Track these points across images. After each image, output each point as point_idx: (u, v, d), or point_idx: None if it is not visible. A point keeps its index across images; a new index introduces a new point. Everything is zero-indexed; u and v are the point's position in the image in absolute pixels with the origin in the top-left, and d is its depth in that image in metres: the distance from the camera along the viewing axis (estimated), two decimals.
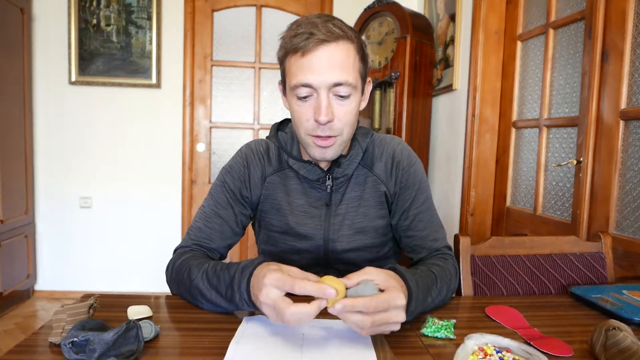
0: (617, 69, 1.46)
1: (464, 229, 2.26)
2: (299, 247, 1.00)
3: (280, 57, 0.91)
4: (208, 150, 3.17)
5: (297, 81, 0.86)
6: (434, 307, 0.86)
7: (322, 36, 0.83)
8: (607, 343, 0.65)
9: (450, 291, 0.92)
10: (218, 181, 1.02)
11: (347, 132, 0.91)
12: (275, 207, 1.00)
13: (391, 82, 2.56)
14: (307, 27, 0.84)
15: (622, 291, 0.94)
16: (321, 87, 0.85)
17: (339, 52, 0.84)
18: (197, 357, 0.66)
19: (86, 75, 2.98)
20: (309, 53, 0.83)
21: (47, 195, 3.05)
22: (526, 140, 2.02)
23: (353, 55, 0.87)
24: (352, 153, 0.97)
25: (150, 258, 3.13)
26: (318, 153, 0.91)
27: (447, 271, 0.91)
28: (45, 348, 0.67)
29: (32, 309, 2.85)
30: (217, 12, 3.11)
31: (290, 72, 0.88)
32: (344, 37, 0.85)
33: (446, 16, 2.54)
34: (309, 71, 0.84)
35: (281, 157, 1.01)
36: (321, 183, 0.98)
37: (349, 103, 0.88)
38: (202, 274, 0.83)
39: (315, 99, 0.86)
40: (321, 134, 0.88)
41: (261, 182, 1.01)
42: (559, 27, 1.79)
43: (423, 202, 1.01)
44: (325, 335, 0.73)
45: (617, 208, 1.48)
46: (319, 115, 0.85)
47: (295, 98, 0.88)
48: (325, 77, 0.84)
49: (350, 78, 0.86)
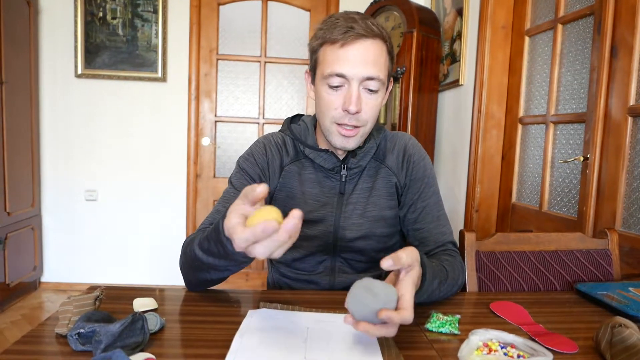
0: (626, 65, 1.45)
1: (469, 225, 2.26)
2: (310, 233, 1.01)
3: (314, 46, 0.95)
4: (213, 144, 3.18)
5: (331, 70, 0.90)
6: (437, 300, 0.87)
7: (362, 31, 0.88)
8: (612, 340, 0.64)
9: (456, 286, 0.93)
10: (236, 169, 1.04)
11: (370, 125, 0.96)
12: (289, 195, 1.03)
13: (397, 77, 2.55)
14: (346, 22, 0.89)
15: (628, 288, 0.93)
16: (354, 79, 0.89)
17: (374, 49, 0.90)
18: (202, 349, 0.66)
19: (92, 68, 2.98)
20: (347, 45, 0.88)
21: (53, 187, 3.07)
22: (532, 136, 2.01)
23: (385, 54, 0.93)
24: (367, 146, 1.02)
25: (155, 251, 3.15)
26: (340, 142, 0.95)
27: (456, 268, 0.94)
28: (51, 339, 0.68)
29: (38, 301, 2.88)
30: (222, 5, 3.10)
31: (325, 61, 0.92)
32: (379, 36, 0.91)
33: (453, 10, 2.52)
34: (345, 62, 0.89)
35: (297, 147, 1.05)
36: (336, 172, 1.02)
37: (375, 98, 0.93)
38: (197, 245, 0.81)
39: (346, 90, 0.91)
40: (348, 122, 0.92)
41: (279, 171, 1.04)
42: (568, 22, 1.77)
43: (431, 196, 1.03)
44: (329, 329, 0.73)
45: (624, 205, 1.47)
46: (349, 105, 0.89)
47: (326, 86, 0.92)
48: (359, 70, 0.89)
49: (382, 74, 0.91)
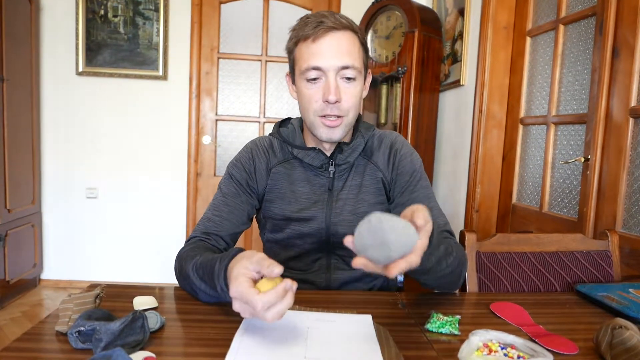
0: (628, 66, 1.44)
1: (469, 225, 2.26)
2: (303, 231, 1.03)
3: (290, 47, 0.99)
4: (214, 143, 3.17)
5: (307, 65, 0.93)
6: (445, 275, 0.84)
7: (331, 24, 0.92)
8: (612, 341, 0.64)
9: (462, 267, 0.92)
10: (225, 175, 1.08)
11: (352, 115, 0.99)
12: (279, 196, 1.05)
13: (398, 77, 2.55)
14: (316, 17, 0.94)
15: (628, 290, 0.93)
16: (330, 70, 0.93)
17: (345, 39, 0.94)
18: (202, 348, 0.66)
19: (93, 66, 2.98)
20: (319, 39, 0.93)
21: (54, 185, 3.07)
22: (533, 137, 2.01)
23: (358, 44, 0.96)
24: (354, 143, 1.04)
25: (155, 249, 3.15)
26: (326, 133, 0.98)
27: (459, 248, 0.92)
28: (51, 337, 0.68)
29: (38, 298, 2.88)
30: (224, 4, 3.10)
31: (301, 57, 0.96)
32: (350, 28, 0.95)
33: (455, 10, 2.52)
34: (319, 55, 0.93)
35: (285, 149, 1.08)
36: (324, 170, 1.04)
37: (354, 86, 0.96)
38: (193, 265, 0.84)
39: (324, 82, 0.94)
40: (330, 112, 0.95)
41: (266, 173, 1.06)
42: (570, 23, 1.77)
43: (420, 189, 1.03)
44: (330, 329, 0.73)
45: (625, 206, 1.47)
46: (328, 95, 0.93)
47: (305, 81, 0.96)
48: (334, 61, 0.93)
49: (356, 63, 0.95)
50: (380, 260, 0.60)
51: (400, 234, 0.59)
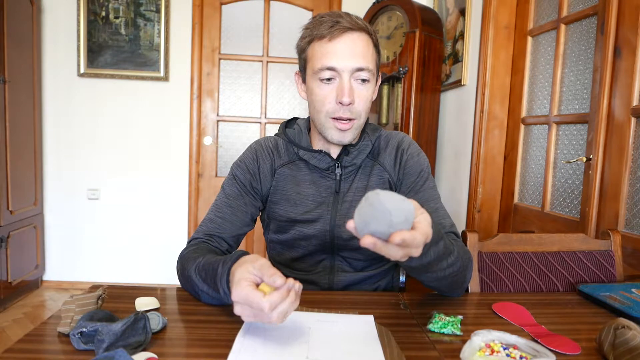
0: (630, 65, 1.44)
1: (471, 225, 2.25)
2: (307, 232, 1.02)
3: (302, 45, 0.97)
4: (215, 144, 3.18)
5: (322, 64, 0.92)
6: (445, 276, 0.83)
7: (347, 24, 0.91)
8: (615, 341, 0.64)
9: (467, 270, 0.89)
10: (229, 175, 1.07)
11: (363, 118, 0.98)
12: (284, 197, 1.03)
13: (399, 77, 2.55)
14: (332, 17, 0.92)
15: (631, 289, 0.93)
16: (344, 71, 0.92)
17: (361, 41, 0.93)
18: (204, 349, 0.66)
19: (95, 67, 2.98)
20: (335, 39, 0.91)
21: (56, 186, 3.07)
22: (535, 136, 2.01)
23: (372, 47, 0.95)
24: (361, 144, 1.03)
25: (157, 250, 3.15)
26: (337, 136, 0.97)
27: (464, 249, 0.90)
28: (54, 338, 0.68)
29: (40, 299, 2.88)
30: (225, 5, 3.10)
31: (314, 57, 0.94)
32: (365, 30, 0.94)
33: (456, 10, 2.52)
34: (334, 55, 0.91)
35: (290, 150, 1.06)
36: (331, 172, 1.03)
37: (366, 88, 0.95)
38: (195, 267, 0.84)
39: (337, 82, 0.93)
40: (342, 115, 0.94)
41: (271, 174, 1.05)
42: (571, 22, 1.77)
43: (426, 189, 1.02)
44: (332, 329, 0.73)
45: (627, 206, 1.46)
46: (342, 96, 0.91)
47: (318, 81, 0.94)
48: (349, 62, 0.91)
49: (370, 65, 0.94)
50: (383, 230, 0.60)
51: (397, 200, 0.60)
